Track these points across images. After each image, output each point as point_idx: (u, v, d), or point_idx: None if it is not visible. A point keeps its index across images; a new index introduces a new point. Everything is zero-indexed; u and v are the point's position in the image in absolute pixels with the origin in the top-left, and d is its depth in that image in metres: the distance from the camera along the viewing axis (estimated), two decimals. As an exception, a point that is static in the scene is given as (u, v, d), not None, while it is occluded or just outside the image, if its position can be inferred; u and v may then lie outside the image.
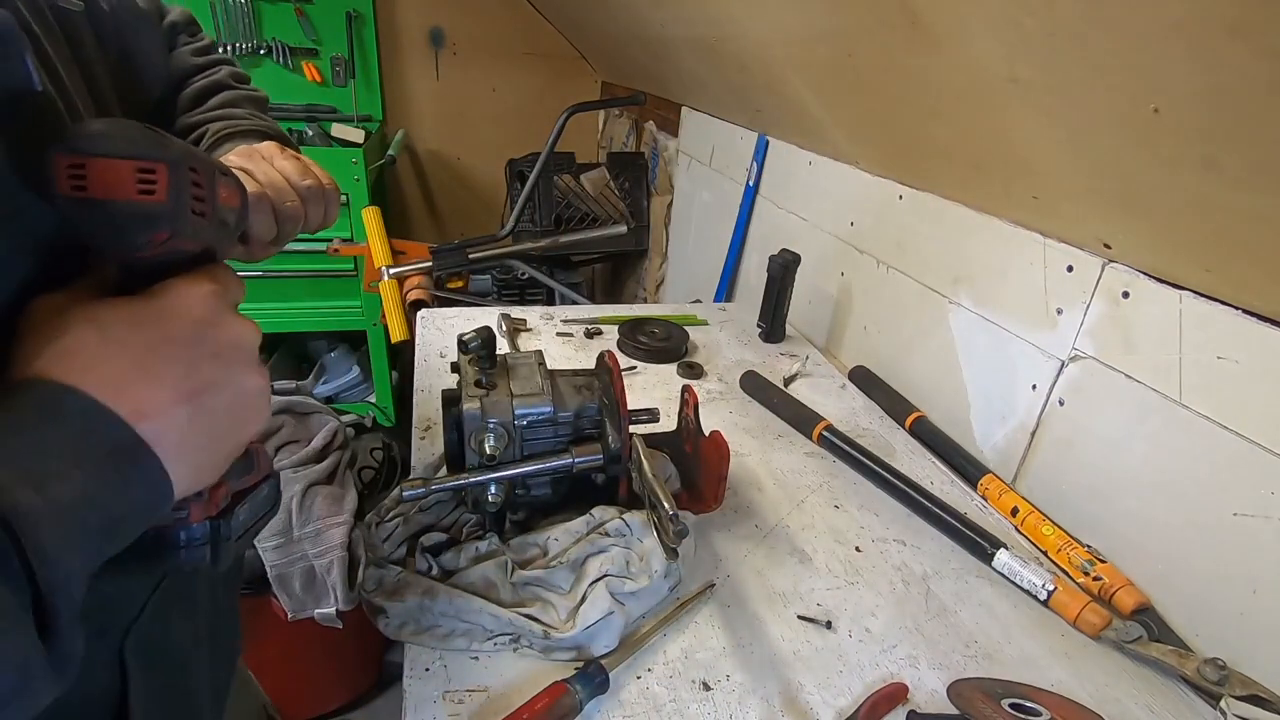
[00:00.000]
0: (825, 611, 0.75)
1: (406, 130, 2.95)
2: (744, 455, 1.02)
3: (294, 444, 1.38)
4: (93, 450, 0.29)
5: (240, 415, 0.35)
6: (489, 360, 0.77)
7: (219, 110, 0.61)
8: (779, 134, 1.62)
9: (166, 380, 0.31)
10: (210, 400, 0.33)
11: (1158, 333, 0.76)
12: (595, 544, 0.73)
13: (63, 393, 0.29)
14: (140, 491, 0.30)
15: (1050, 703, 0.63)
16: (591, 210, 2.50)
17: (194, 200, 0.34)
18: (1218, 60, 0.52)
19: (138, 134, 0.32)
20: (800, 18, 1.08)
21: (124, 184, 0.30)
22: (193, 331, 0.33)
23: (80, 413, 0.29)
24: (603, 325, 1.40)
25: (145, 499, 0.31)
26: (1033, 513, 0.89)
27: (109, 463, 0.29)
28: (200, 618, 0.56)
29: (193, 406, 0.32)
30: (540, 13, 2.91)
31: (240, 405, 0.35)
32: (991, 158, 0.93)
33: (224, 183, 0.38)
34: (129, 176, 0.30)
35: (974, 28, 0.74)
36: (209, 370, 0.33)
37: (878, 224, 1.26)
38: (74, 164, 0.30)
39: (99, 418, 0.29)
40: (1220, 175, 0.60)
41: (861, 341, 1.31)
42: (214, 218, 0.36)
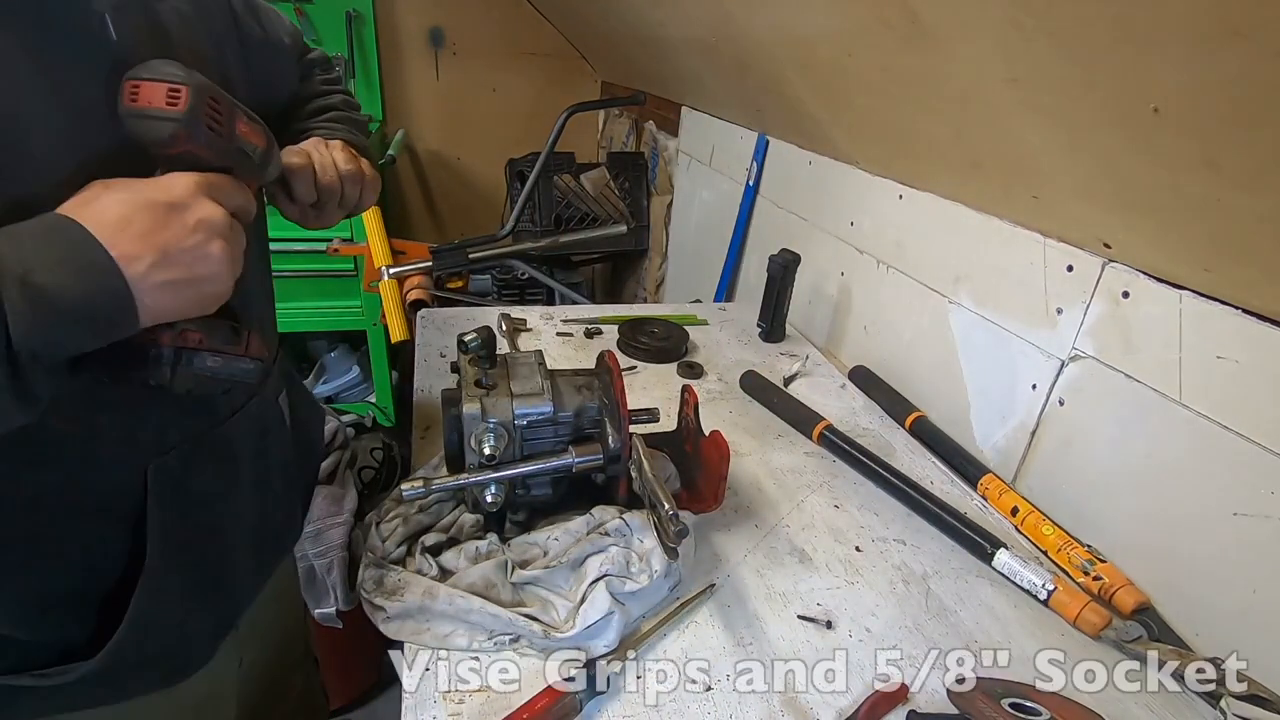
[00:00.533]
0: (825, 611, 0.75)
1: (406, 130, 2.95)
2: (744, 455, 1.02)
3: (294, 444, 1.38)
4: (77, 261, 0.40)
5: (200, 270, 0.46)
6: (489, 360, 0.77)
7: (326, 122, 0.77)
8: (779, 134, 1.62)
9: (142, 230, 0.43)
10: (175, 253, 0.44)
11: (1158, 332, 0.76)
12: (595, 544, 0.73)
13: (69, 223, 0.41)
14: (107, 299, 0.42)
15: (1050, 703, 0.63)
16: (591, 210, 2.50)
17: (209, 118, 0.47)
18: (1218, 60, 0.52)
19: (175, 69, 0.45)
20: (800, 18, 1.08)
21: (158, 97, 0.44)
22: (171, 202, 0.45)
23: (76, 237, 0.41)
24: (603, 325, 1.40)
25: (111, 305, 0.42)
26: (1033, 512, 0.89)
27: (88, 273, 0.41)
28: (243, 489, 0.64)
29: (159, 254, 0.43)
30: (540, 12, 2.90)
31: (201, 263, 0.46)
32: (991, 158, 0.92)
33: (246, 121, 0.51)
34: (162, 93, 0.44)
35: (974, 28, 0.74)
36: (177, 232, 0.44)
37: (878, 224, 1.26)
38: (133, 85, 0.45)
39: (86, 243, 0.41)
40: (1220, 175, 0.60)
41: (861, 341, 1.31)
42: (230, 141, 0.50)
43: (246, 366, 0.54)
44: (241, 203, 0.51)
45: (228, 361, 0.52)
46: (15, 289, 0.38)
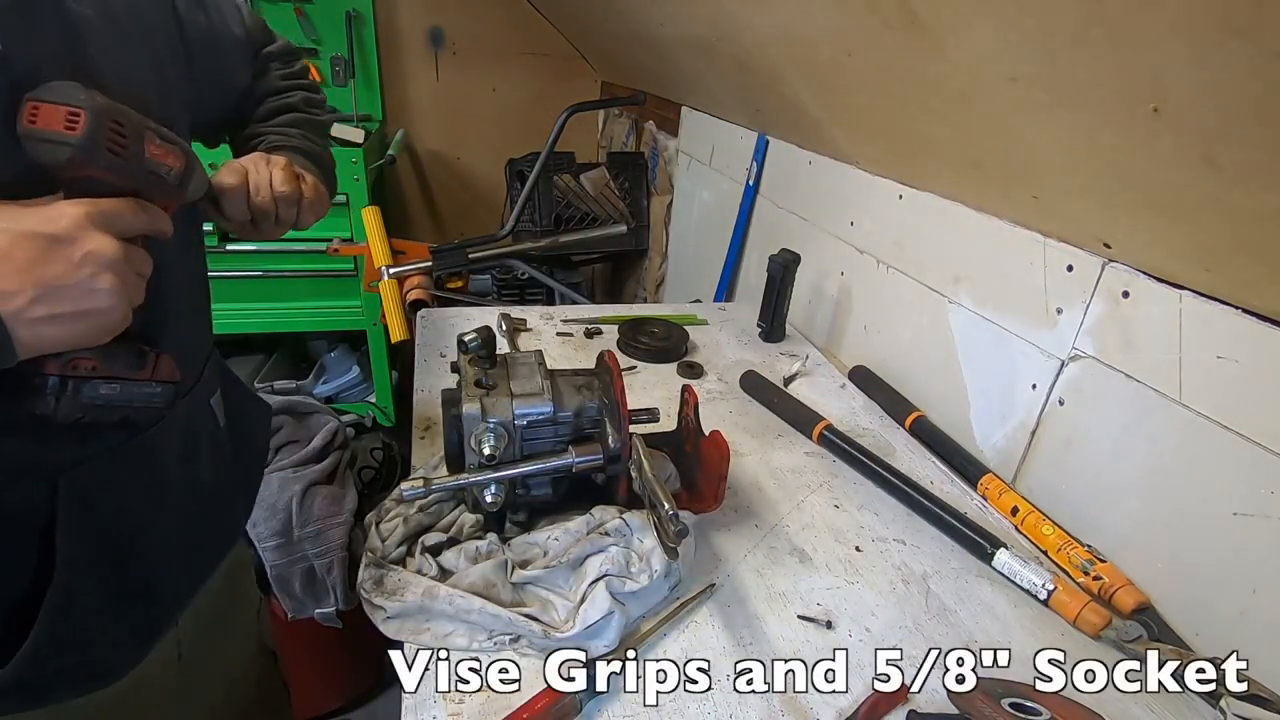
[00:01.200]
0: (825, 611, 0.75)
1: (406, 130, 2.95)
2: (744, 455, 1.02)
3: (294, 444, 1.38)
4: None
5: (87, 305, 0.44)
6: (489, 360, 0.77)
7: (281, 127, 0.75)
8: (779, 134, 1.62)
9: (21, 264, 0.41)
10: (57, 289, 0.42)
11: (1158, 332, 0.76)
12: (595, 544, 0.73)
13: None
14: None
15: (1050, 703, 0.63)
16: (591, 210, 2.50)
17: (111, 142, 0.45)
18: (1218, 60, 0.52)
19: (75, 91, 0.44)
20: (800, 17, 1.08)
21: (57, 120, 0.43)
22: (54, 235, 0.42)
23: None
24: (603, 325, 1.40)
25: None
26: (1033, 512, 0.89)
27: None
28: (170, 495, 0.62)
29: (38, 289, 0.41)
30: (540, 12, 2.90)
31: (87, 297, 0.44)
32: (991, 158, 0.92)
33: (160, 143, 0.50)
34: (60, 116, 0.43)
35: (974, 28, 0.74)
36: (60, 267, 0.42)
37: (878, 224, 1.26)
38: (32, 106, 0.43)
39: None
40: (1220, 175, 0.60)
41: (861, 341, 1.31)
42: (138, 164, 0.48)
43: (151, 391, 0.53)
44: (146, 226, 0.49)
45: (126, 388, 0.51)
46: None
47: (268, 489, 1.29)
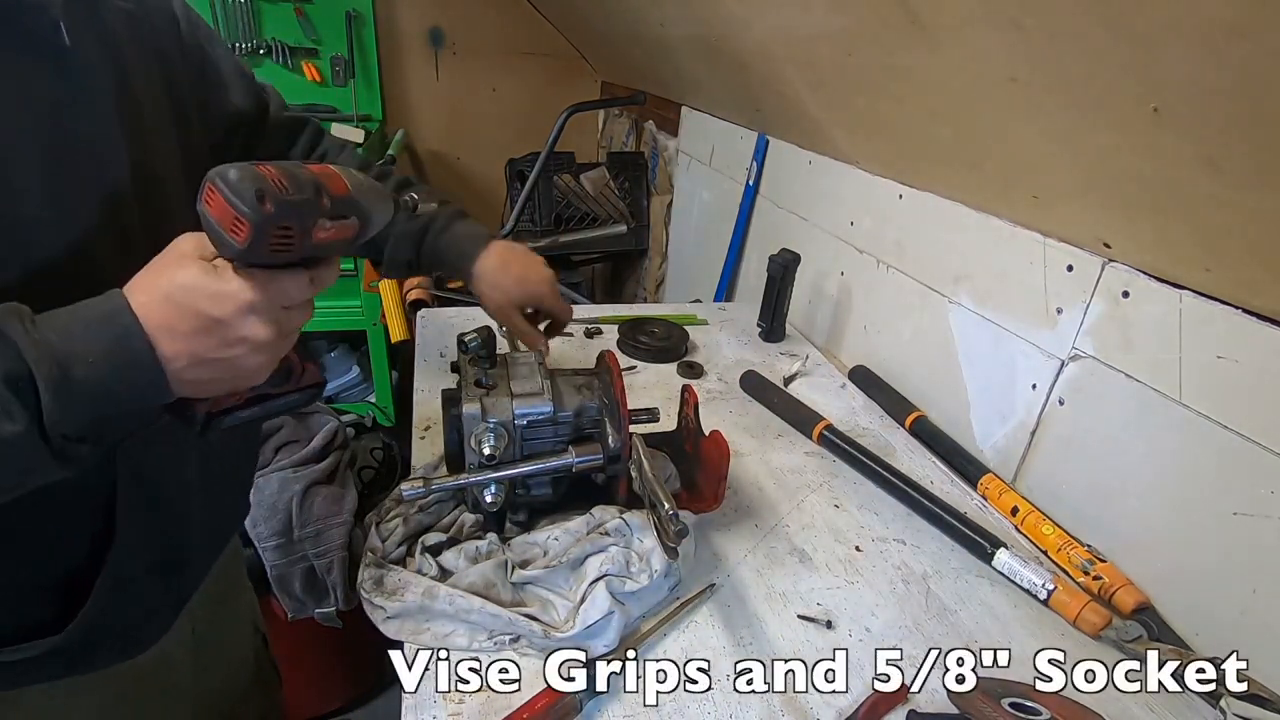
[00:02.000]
0: (825, 611, 0.75)
1: (406, 130, 2.95)
2: (744, 455, 1.02)
3: (294, 444, 1.38)
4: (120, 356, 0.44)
5: (232, 373, 0.49)
6: (489, 360, 0.77)
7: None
8: (779, 134, 1.62)
9: (184, 333, 0.45)
10: (209, 360, 0.47)
11: (1157, 332, 0.76)
12: (595, 544, 0.73)
13: (122, 312, 0.44)
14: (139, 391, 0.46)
15: (1050, 702, 0.63)
16: (591, 210, 2.50)
17: (275, 244, 0.46)
18: (1218, 60, 0.52)
19: (248, 190, 0.43)
20: (800, 18, 1.08)
21: (226, 219, 0.44)
22: (217, 319, 0.46)
23: (124, 329, 0.44)
24: (603, 325, 1.40)
25: (144, 395, 0.46)
26: (1032, 512, 0.89)
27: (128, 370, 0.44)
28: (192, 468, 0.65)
29: (192, 359, 0.46)
30: (540, 12, 2.90)
31: (234, 369, 0.48)
32: (991, 158, 0.92)
33: (330, 226, 0.50)
34: (229, 217, 0.44)
35: (974, 27, 0.74)
36: (215, 344, 0.46)
37: (878, 224, 1.26)
38: (210, 189, 0.44)
39: (132, 336, 0.44)
40: (1220, 175, 0.60)
41: (861, 341, 1.31)
42: (303, 251, 0.49)
43: (292, 400, 0.57)
44: (307, 295, 0.52)
45: (267, 406, 0.56)
46: (51, 390, 0.41)
47: (268, 489, 1.29)
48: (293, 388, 0.56)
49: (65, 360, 0.42)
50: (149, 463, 0.59)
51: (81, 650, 0.59)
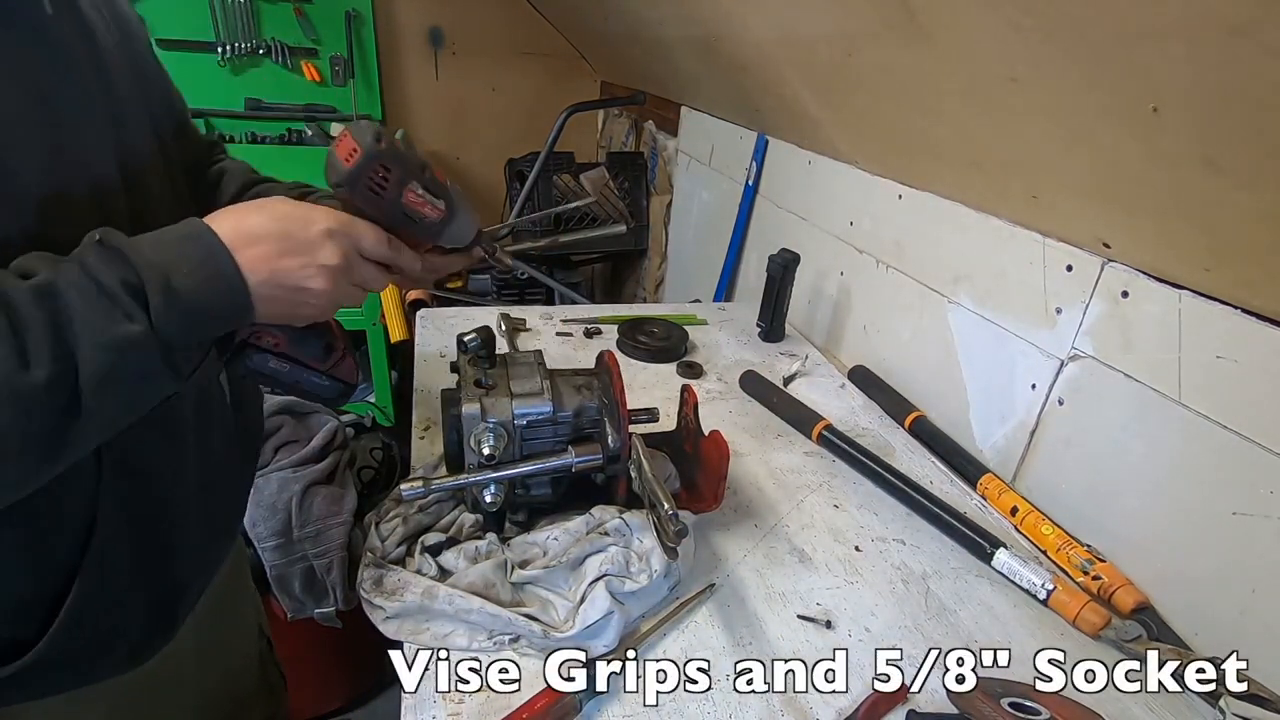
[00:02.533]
0: (825, 611, 0.75)
1: (406, 130, 2.94)
2: (744, 455, 1.02)
3: (294, 444, 1.38)
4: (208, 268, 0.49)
5: (298, 299, 0.54)
6: (489, 360, 0.77)
7: None
8: (778, 134, 1.62)
9: (266, 252, 0.51)
10: (281, 278, 0.52)
11: (1157, 332, 0.76)
12: (595, 543, 0.73)
13: (206, 232, 0.49)
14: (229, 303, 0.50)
15: (1050, 702, 0.63)
16: (591, 210, 2.50)
17: (371, 181, 0.55)
18: (1218, 60, 0.52)
19: (369, 135, 0.55)
20: (800, 18, 1.08)
21: (344, 150, 0.55)
22: (300, 239, 0.52)
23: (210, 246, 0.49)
24: (602, 325, 1.40)
25: (232, 308, 0.50)
26: (1032, 512, 0.89)
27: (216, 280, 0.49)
28: (189, 463, 0.64)
29: (269, 274, 0.51)
30: (540, 12, 2.90)
31: (300, 294, 0.53)
32: (991, 157, 0.92)
33: (420, 194, 0.59)
34: (348, 148, 0.54)
35: (974, 28, 0.74)
36: (291, 263, 0.52)
37: (877, 224, 1.26)
38: (343, 133, 0.55)
39: (218, 252, 0.49)
40: (1220, 175, 0.60)
41: (861, 341, 1.31)
42: (392, 205, 0.57)
43: (320, 381, 0.61)
44: (384, 256, 0.58)
45: (296, 371, 0.59)
46: (159, 294, 0.45)
47: (268, 489, 1.29)
48: (326, 368, 0.60)
49: (165, 270, 0.46)
50: (138, 453, 0.58)
51: (73, 659, 0.57)
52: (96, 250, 0.45)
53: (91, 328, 0.43)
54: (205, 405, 0.67)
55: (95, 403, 0.44)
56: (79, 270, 0.44)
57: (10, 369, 0.41)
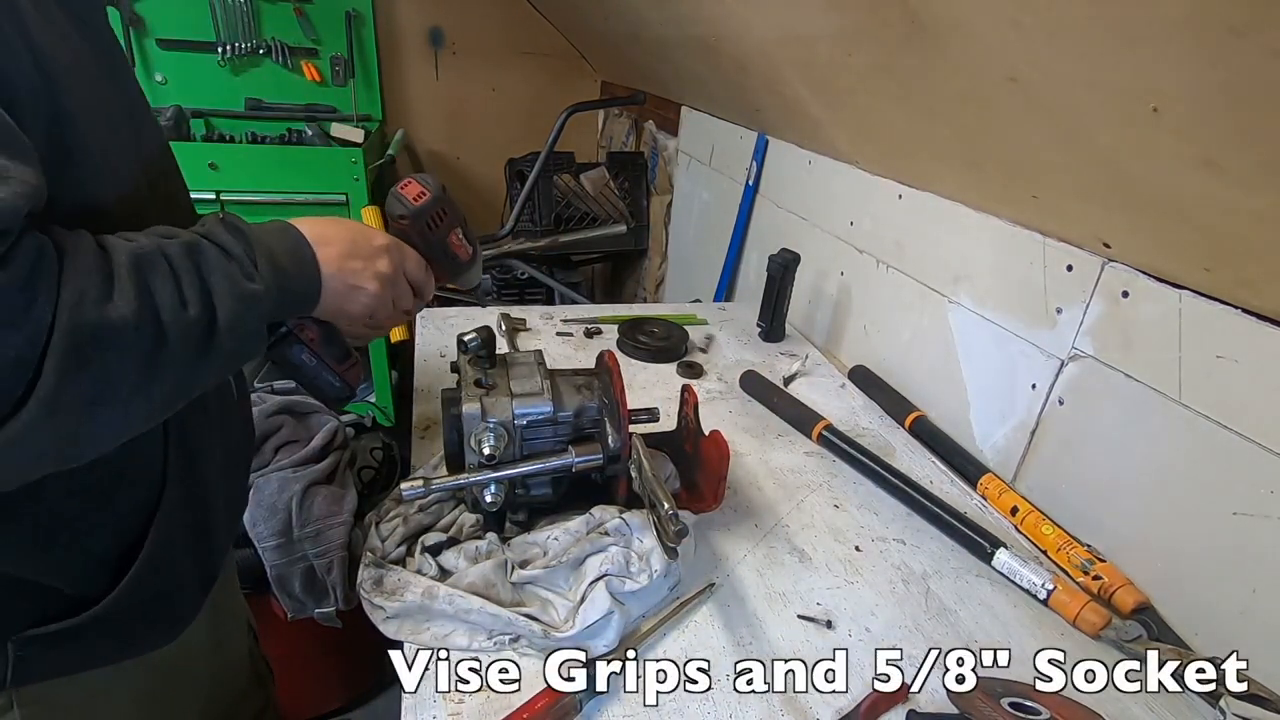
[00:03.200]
0: (825, 611, 0.75)
1: (406, 130, 2.95)
2: (744, 455, 1.02)
3: (294, 444, 1.38)
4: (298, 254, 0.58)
5: (353, 294, 0.62)
6: (489, 360, 0.77)
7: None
8: (779, 134, 1.62)
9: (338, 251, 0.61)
10: (345, 273, 0.61)
11: (1157, 332, 0.76)
12: (595, 543, 0.73)
13: (292, 228, 0.59)
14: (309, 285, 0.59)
15: (1050, 702, 0.63)
16: (591, 210, 2.50)
17: (430, 220, 0.70)
18: (1218, 60, 0.52)
19: (434, 182, 0.70)
20: (800, 17, 1.08)
21: (413, 191, 0.69)
22: (368, 245, 0.64)
23: (297, 238, 0.58)
24: (603, 325, 1.40)
25: (310, 290, 0.59)
26: (1032, 512, 0.89)
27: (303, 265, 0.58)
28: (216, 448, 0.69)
29: (337, 269, 0.60)
30: (540, 12, 2.90)
31: (356, 290, 0.62)
32: (991, 157, 0.92)
33: (460, 237, 0.74)
34: (417, 190, 0.69)
35: (974, 28, 0.74)
36: (356, 263, 0.62)
37: (877, 224, 1.26)
38: (408, 179, 0.70)
39: (303, 244, 0.58)
40: (1220, 175, 0.60)
41: (861, 341, 1.31)
42: (438, 243, 0.71)
43: (330, 380, 0.67)
44: (418, 281, 0.70)
45: (318, 368, 0.66)
46: (268, 266, 0.53)
47: (268, 489, 1.29)
48: (342, 369, 0.67)
49: (270, 249, 0.54)
50: (192, 430, 0.63)
51: (128, 623, 0.61)
52: (222, 225, 0.53)
53: (228, 280, 0.50)
54: (222, 396, 0.72)
55: (222, 342, 0.50)
56: (209, 238, 0.52)
57: (174, 305, 0.47)
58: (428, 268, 0.71)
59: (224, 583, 0.82)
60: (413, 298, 0.69)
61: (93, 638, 0.59)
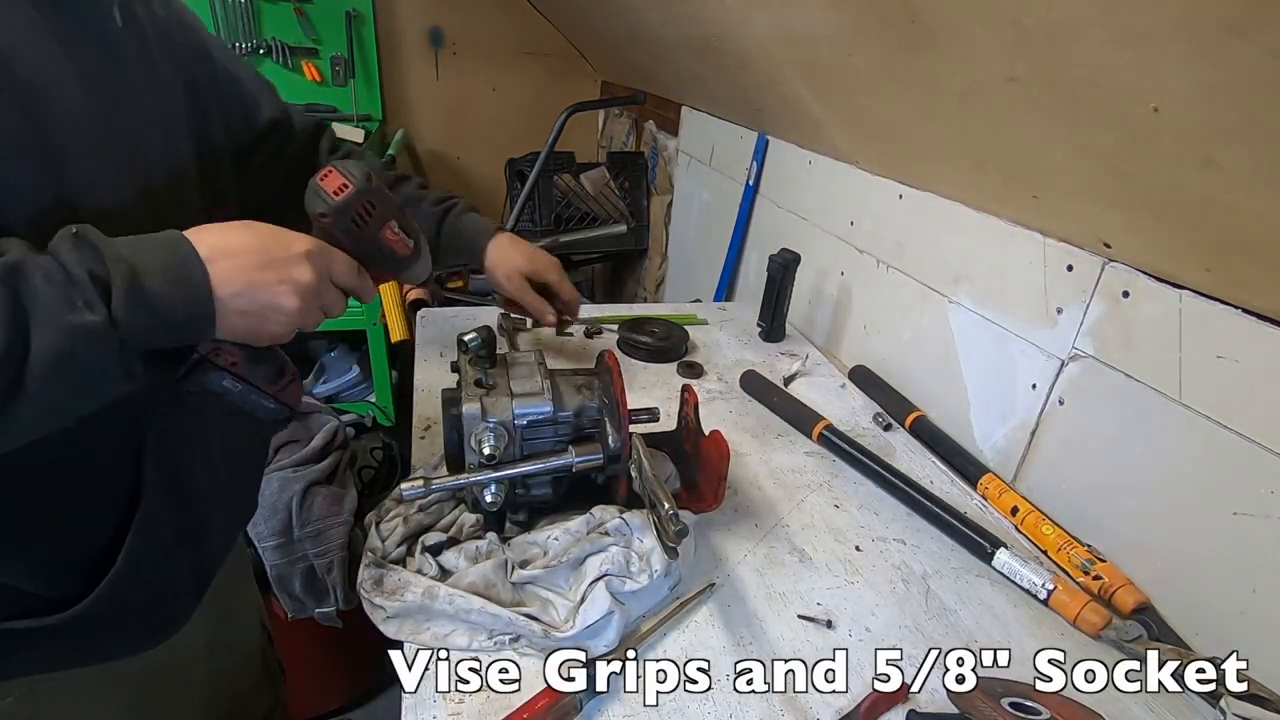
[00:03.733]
0: (825, 611, 0.75)
1: (406, 130, 2.95)
2: (744, 455, 1.02)
3: (294, 444, 1.38)
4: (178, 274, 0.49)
5: (268, 315, 0.53)
6: (489, 360, 0.77)
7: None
8: (779, 133, 1.62)
9: (246, 265, 0.52)
10: (255, 292, 0.52)
11: (1157, 332, 0.76)
12: (595, 543, 0.73)
13: (182, 241, 0.50)
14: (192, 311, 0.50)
15: (1050, 702, 0.63)
16: (591, 210, 2.50)
17: (355, 217, 0.59)
18: (1218, 59, 0.52)
19: (359, 171, 0.59)
20: (800, 18, 1.08)
21: (333, 184, 0.58)
22: (280, 256, 0.54)
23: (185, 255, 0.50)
24: (603, 325, 1.40)
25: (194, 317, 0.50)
26: (1032, 512, 0.89)
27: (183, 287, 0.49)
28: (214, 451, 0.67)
29: (244, 286, 0.51)
30: (540, 12, 2.91)
31: (270, 309, 0.53)
32: (991, 158, 0.92)
33: (396, 232, 0.63)
34: (338, 183, 0.58)
35: (974, 27, 0.74)
36: (268, 277, 0.52)
37: (878, 224, 1.26)
38: (330, 168, 0.58)
39: (191, 262, 0.49)
40: (1220, 175, 0.60)
41: (861, 341, 1.31)
42: (370, 240, 0.61)
43: (266, 404, 0.60)
44: (352, 285, 0.60)
45: (247, 392, 0.58)
46: (124, 291, 0.46)
47: (268, 489, 1.29)
48: (274, 391, 0.59)
49: (135, 269, 0.46)
50: (177, 436, 0.61)
51: (106, 627, 0.60)
52: (72, 241, 0.46)
53: (49, 310, 0.43)
54: None
55: (38, 386, 0.43)
56: (50, 257, 0.45)
57: None
58: (361, 269, 0.61)
59: (231, 581, 0.82)
60: (344, 301, 0.61)
61: (74, 638, 0.58)
